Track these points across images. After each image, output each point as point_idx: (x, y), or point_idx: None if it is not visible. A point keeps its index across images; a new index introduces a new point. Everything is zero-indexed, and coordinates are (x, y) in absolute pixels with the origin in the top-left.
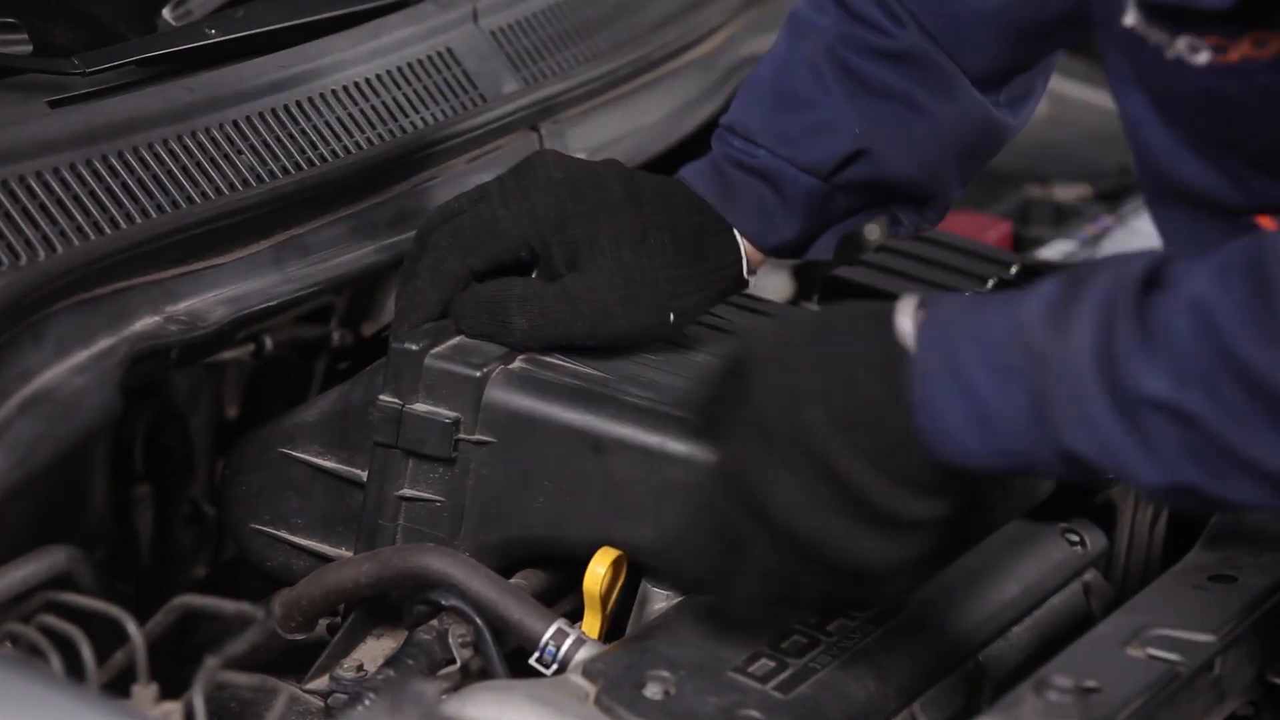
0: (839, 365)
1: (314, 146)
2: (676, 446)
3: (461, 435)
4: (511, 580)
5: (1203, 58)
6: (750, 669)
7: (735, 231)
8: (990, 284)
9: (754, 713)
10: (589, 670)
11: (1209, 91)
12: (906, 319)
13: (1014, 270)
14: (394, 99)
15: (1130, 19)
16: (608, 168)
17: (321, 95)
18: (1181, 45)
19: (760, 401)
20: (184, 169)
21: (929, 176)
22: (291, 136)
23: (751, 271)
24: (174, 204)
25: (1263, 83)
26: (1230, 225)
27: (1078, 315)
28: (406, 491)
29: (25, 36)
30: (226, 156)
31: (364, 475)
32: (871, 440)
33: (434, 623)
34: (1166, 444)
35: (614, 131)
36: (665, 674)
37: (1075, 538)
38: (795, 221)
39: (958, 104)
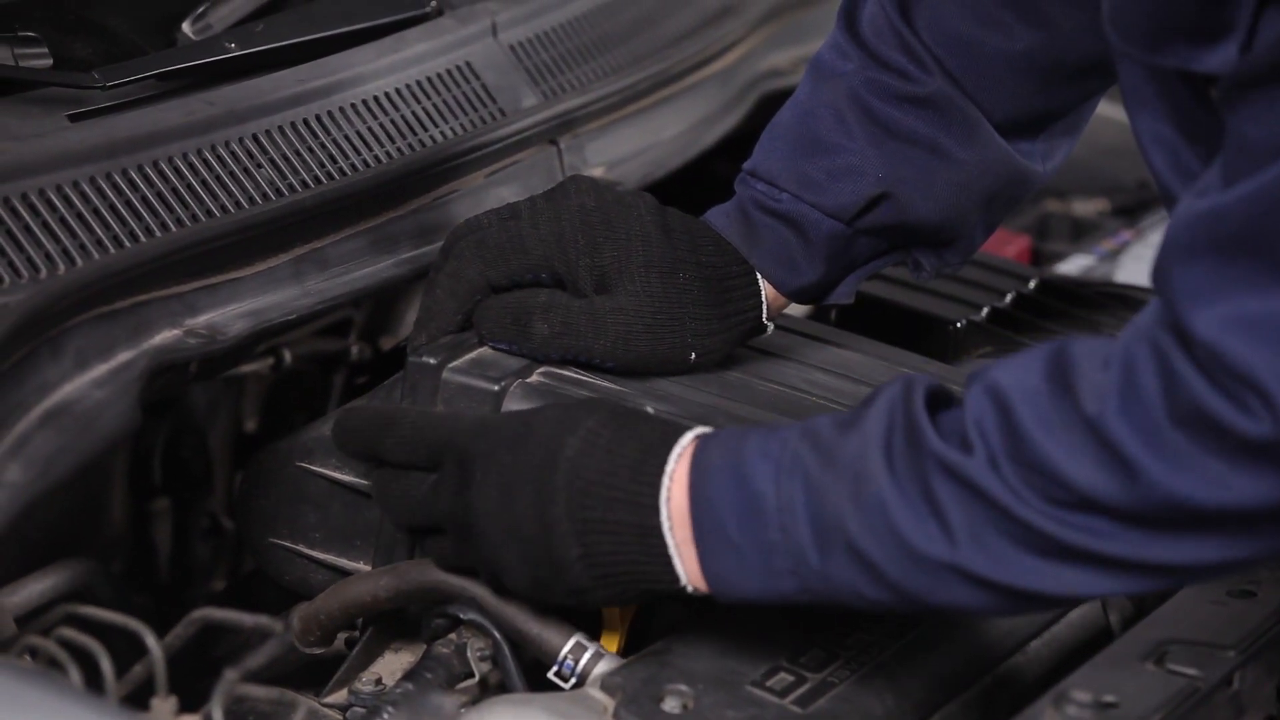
0: (608, 473)
1: (333, 160)
2: None
3: None
4: None
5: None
6: (768, 683)
7: (758, 276)
8: (1009, 298)
9: None
10: (607, 684)
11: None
12: (686, 439)
13: (1032, 285)
14: (413, 113)
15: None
16: (639, 199)
17: (341, 109)
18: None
19: (532, 448)
20: (203, 183)
21: (951, 221)
22: (311, 150)
23: (770, 318)
24: (193, 218)
25: None
26: None
27: (866, 414)
28: None
29: (46, 50)
30: (246, 170)
31: None
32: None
33: (452, 636)
34: (948, 512)
35: (633, 146)
36: (683, 688)
37: None
38: (818, 266)
39: (981, 150)
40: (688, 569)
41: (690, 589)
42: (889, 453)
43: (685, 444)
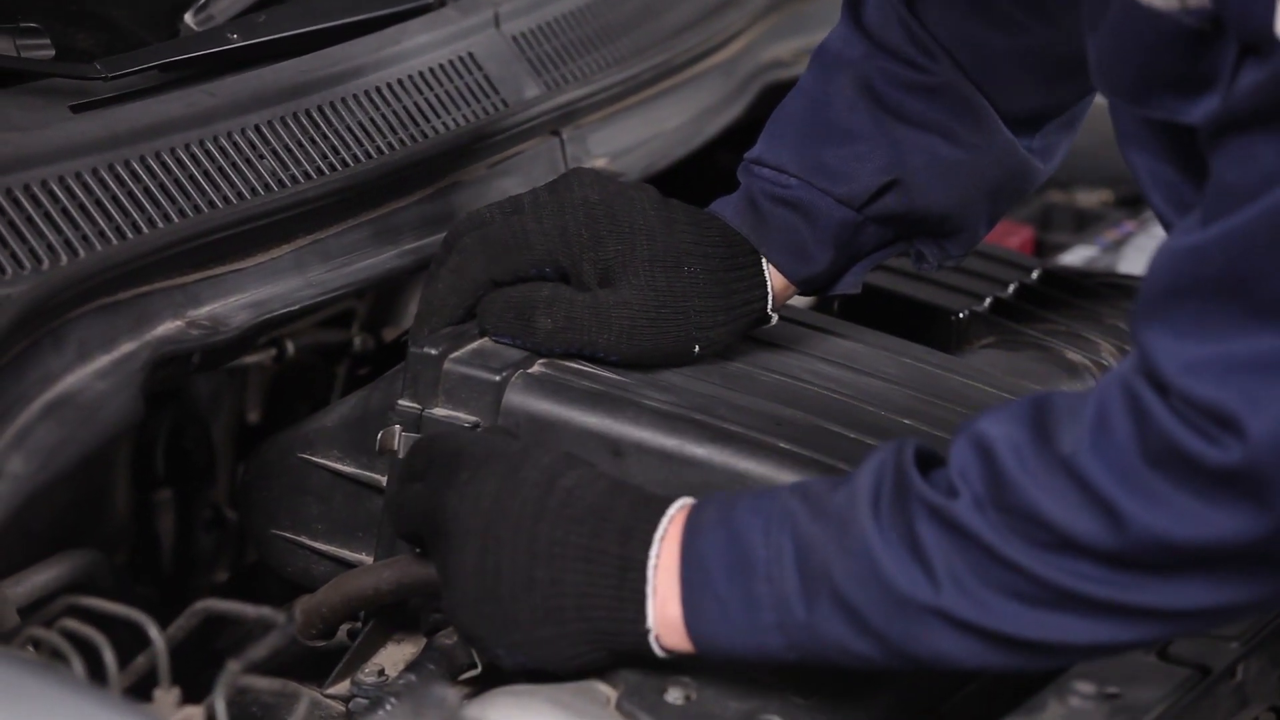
0: (603, 506)
1: (336, 151)
2: (695, 450)
3: None
4: None
5: None
6: (771, 673)
7: (764, 266)
8: (1012, 289)
9: (775, 717)
10: (610, 675)
11: None
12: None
13: (1035, 276)
14: (415, 104)
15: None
16: (642, 191)
17: (343, 100)
18: None
19: (529, 468)
20: (206, 174)
21: (958, 210)
22: (313, 141)
23: (775, 308)
24: (196, 208)
25: None
26: None
27: (858, 472)
28: None
29: (48, 41)
30: (248, 161)
31: (384, 480)
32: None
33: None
34: (932, 555)
35: (635, 136)
36: (686, 679)
37: None
38: (827, 253)
39: (989, 139)
40: (667, 626)
41: (655, 637)
42: (876, 501)
43: (681, 504)
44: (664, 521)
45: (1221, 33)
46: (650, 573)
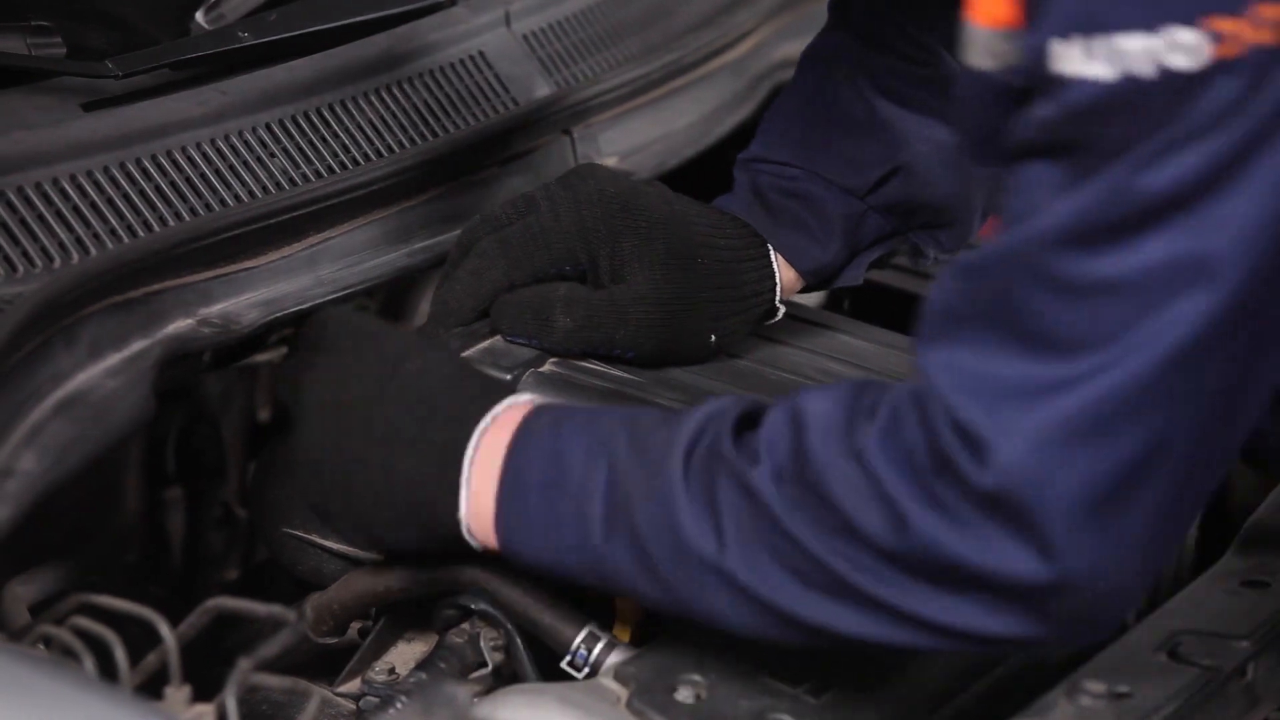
0: (433, 395)
1: (346, 150)
2: None
3: None
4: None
5: None
6: (782, 672)
7: (772, 258)
8: None
9: (786, 717)
10: (620, 674)
11: None
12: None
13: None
14: (426, 102)
15: None
16: (654, 187)
17: (354, 98)
18: None
19: (375, 351)
20: (217, 172)
21: (956, 200)
22: (324, 140)
23: (783, 301)
24: (207, 207)
25: None
26: None
27: (685, 414)
28: None
29: (59, 40)
30: (259, 160)
31: None
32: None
33: (465, 626)
34: (724, 514)
35: (645, 136)
36: (697, 678)
37: None
38: (833, 243)
39: None
40: (480, 521)
41: (467, 529)
42: (690, 453)
43: (512, 402)
44: (487, 418)
45: (1042, 89)
46: (466, 466)
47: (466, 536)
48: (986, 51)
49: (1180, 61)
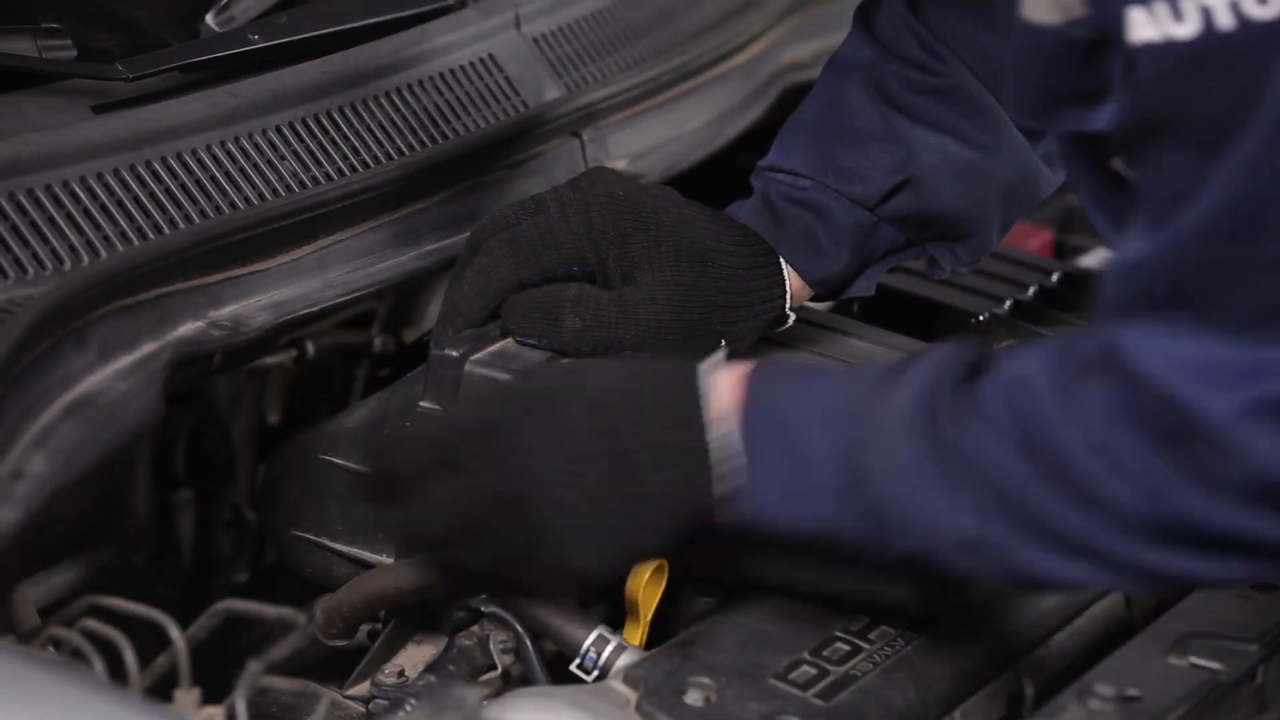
0: (646, 402)
1: (356, 152)
2: None
3: None
4: None
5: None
6: (791, 676)
7: (782, 265)
8: (1031, 291)
9: (795, 719)
10: (630, 677)
11: None
12: (717, 372)
13: (1055, 278)
14: (436, 105)
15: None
16: (664, 191)
17: (364, 101)
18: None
19: (567, 419)
20: (227, 174)
21: (971, 212)
22: (334, 142)
23: (792, 308)
24: (217, 209)
25: None
26: None
27: (909, 375)
28: None
29: (69, 42)
30: (269, 162)
31: None
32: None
33: (474, 629)
34: (976, 492)
35: (655, 138)
36: (706, 681)
37: None
38: (842, 254)
39: (1001, 139)
40: (726, 502)
41: (727, 514)
42: (925, 424)
43: (711, 366)
44: (706, 403)
45: (1108, 41)
46: (714, 453)
47: (727, 518)
48: (1051, 5)
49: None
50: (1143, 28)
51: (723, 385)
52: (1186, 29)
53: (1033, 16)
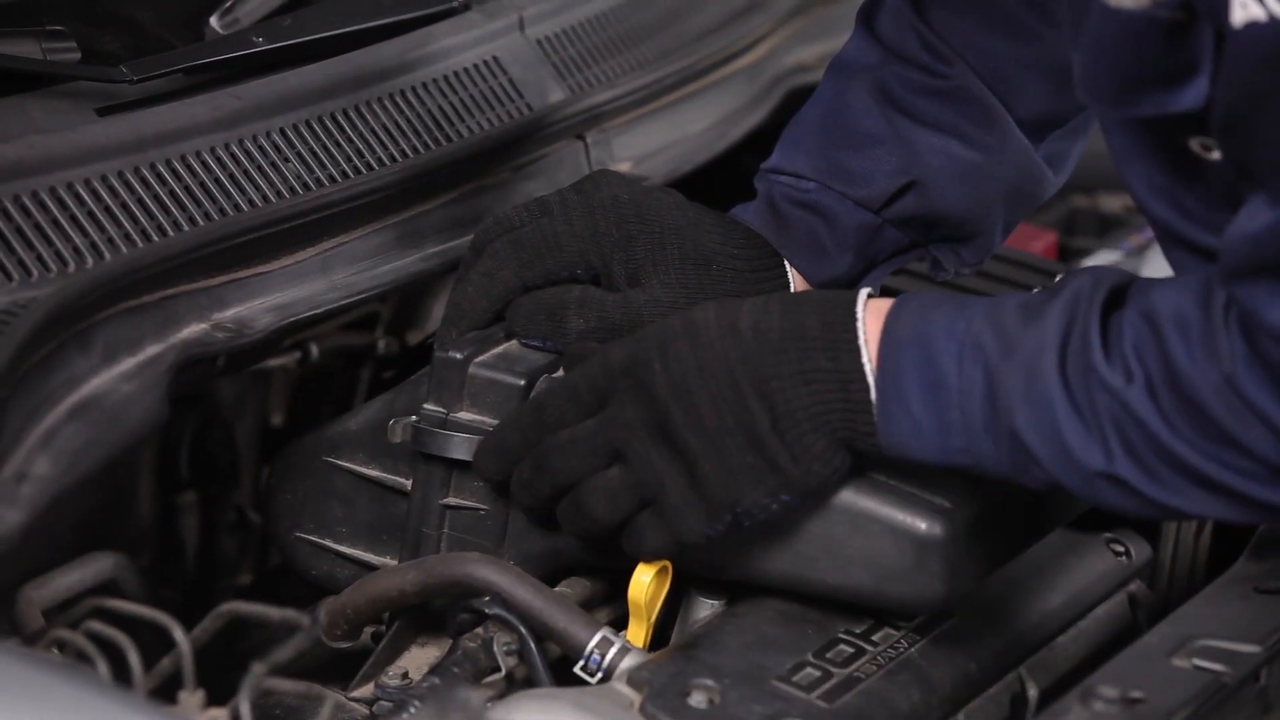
0: (794, 328)
1: (360, 155)
2: None
3: None
4: (556, 588)
5: (1217, 154)
6: (795, 678)
7: (787, 269)
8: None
9: None
10: (634, 679)
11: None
12: (867, 303)
13: (1059, 280)
14: (440, 107)
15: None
16: (667, 194)
17: (368, 103)
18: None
19: (705, 329)
20: (231, 177)
21: (974, 214)
22: (338, 144)
23: None
24: (221, 211)
25: None
26: None
27: (1048, 308)
28: (451, 500)
29: (74, 45)
30: (273, 164)
31: (408, 484)
32: (800, 396)
33: (478, 631)
34: (1108, 429)
35: (659, 140)
36: (710, 683)
37: (1120, 548)
38: (846, 256)
39: (1004, 140)
40: (870, 423)
41: (885, 450)
42: (1063, 357)
43: (864, 297)
44: (860, 328)
45: (1195, 18)
46: (870, 380)
47: (870, 449)
48: None
49: None
50: (1248, 7)
51: (872, 316)
52: None
53: (1114, 1)
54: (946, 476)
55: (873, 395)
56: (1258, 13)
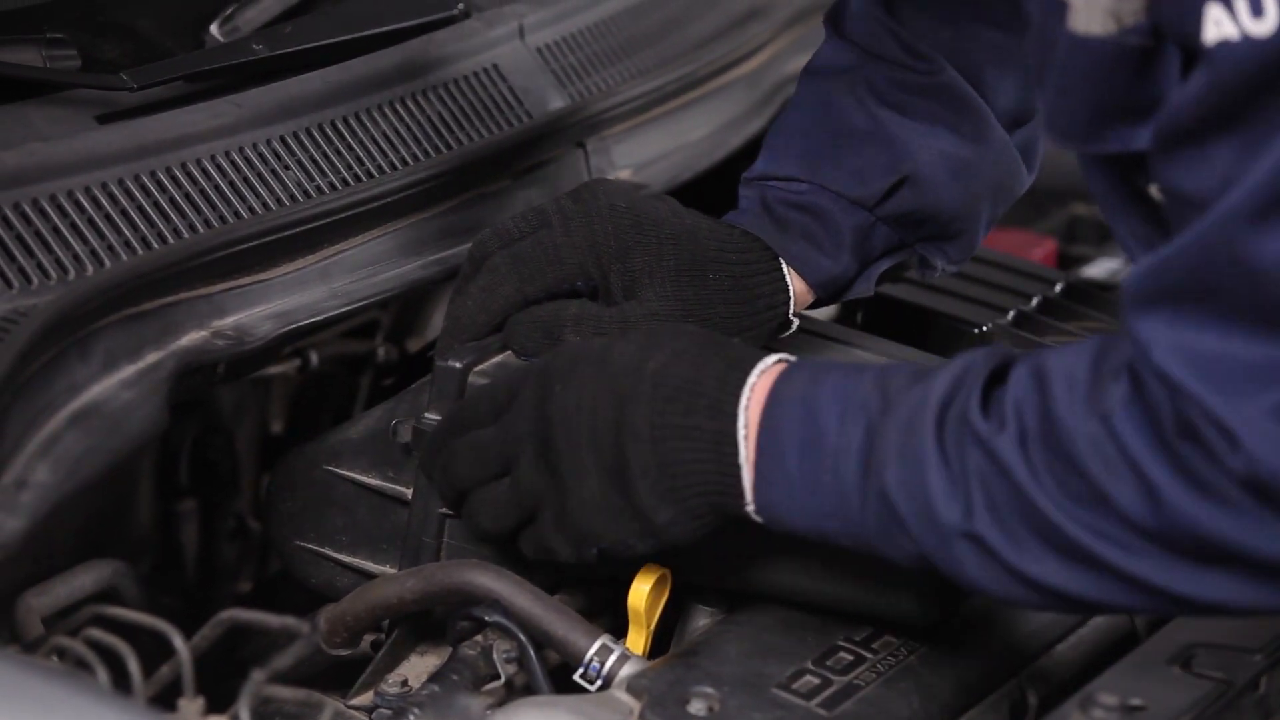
0: (692, 381)
1: (360, 162)
2: None
3: None
4: (555, 596)
5: None
6: (794, 686)
7: (784, 271)
8: (1035, 302)
9: None
10: (633, 686)
11: None
12: (770, 360)
13: (1058, 288)
14: (440, 115)
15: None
16: (664, 201)
17: (368, 111)
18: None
19: (614, 359)
20: (231, 184)
21: (963, 210)
22: (338, 152)
23: (796, 314)
24: (221, 219)
25: None
26: None
27: (938, 372)
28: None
29: (74, 52)
30: (274, 172)
31: (408, 492)
32: (675, 449)
33: (478, 638)
34: (973, 483)
35: (659, 148)
36: (709, 690)
37: None
38: (843, 255)
39: (989, 134)
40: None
41: (752, 511)
42: (942, 413)
43: (770, 364)
44: (746, 391)
45: (1163, 47)
46: (741, 444)
47: (751, 514)
48: (1105, 14)
49: None
50: (1220, 25)
51: (769, 379)
52: (1266, 25)
53: (1082, 28)
54: None
55: (743, 458)
56: (1230, 31)
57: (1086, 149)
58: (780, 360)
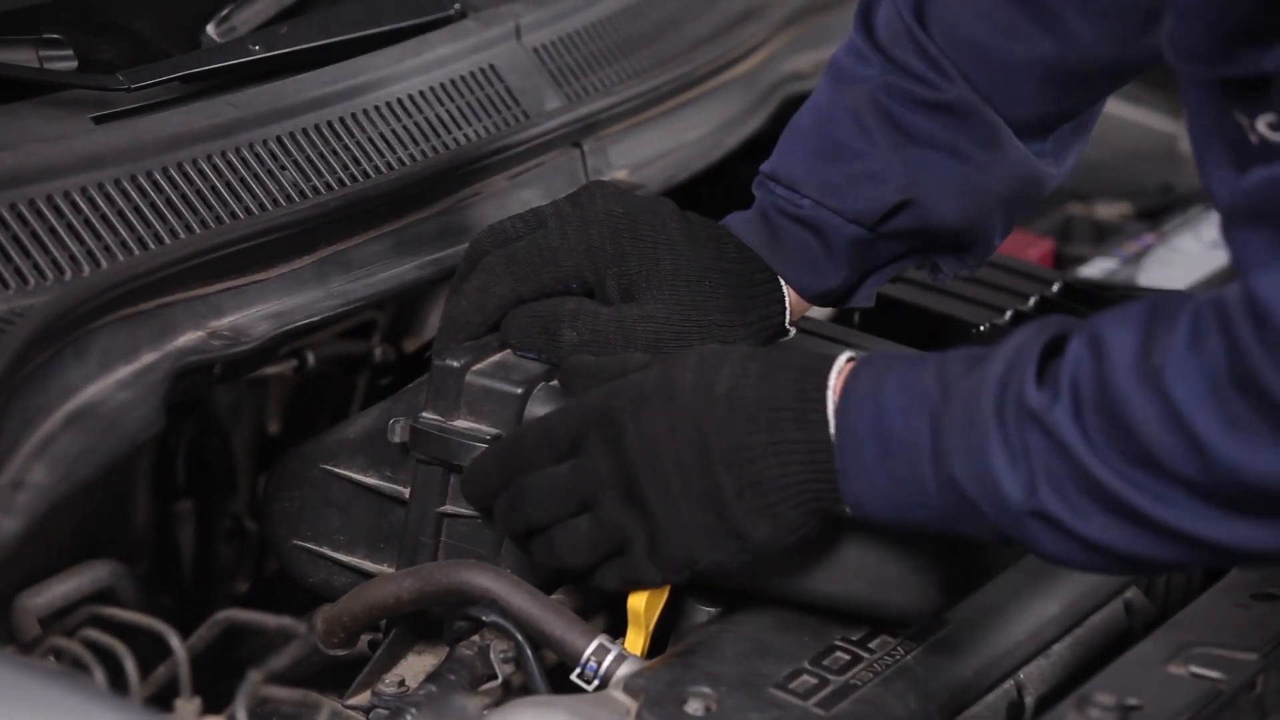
0: (768, 397)
1: (357, 162)
2: None
3: None
4: (553, 596)
5: None
6: (791, 685)
7: (780, 281)
8: (1032, 301)
9: None
10: (630, 686)
11: None
12: (841, 361)
13: (1055, 288)
14: (437, 115)
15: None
16: (663, 205)
17: (365, 111)
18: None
19: (681, 391)
20: (228, 185)
21: (972, 225)
22: (335, 152)
23: (793, 322)
24: (217, 219)
25: None
26: None
27: (992, 353)
28: (448, 508)
29: (70, 53)
30: (270, 172)
31: (406, 492)
32: (765, 464)
33: (475, 638)
34: (1034, 461)
35: (656, 149)
36: (707, 690)
37: None
38: (840, 270)
39: (1002, 154)
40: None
41: (848, 510)
42: (1001, 398)
43: (842, 364)
44: (830, 396)
45: None
46: (835, 450)
47: (848, 514)
48: None
49: None
50: None
51: (839, 380)
52: None
53: None
54: None
55: (835, 460)
56: None
57: (1211, 71)
58: (850, 360)
